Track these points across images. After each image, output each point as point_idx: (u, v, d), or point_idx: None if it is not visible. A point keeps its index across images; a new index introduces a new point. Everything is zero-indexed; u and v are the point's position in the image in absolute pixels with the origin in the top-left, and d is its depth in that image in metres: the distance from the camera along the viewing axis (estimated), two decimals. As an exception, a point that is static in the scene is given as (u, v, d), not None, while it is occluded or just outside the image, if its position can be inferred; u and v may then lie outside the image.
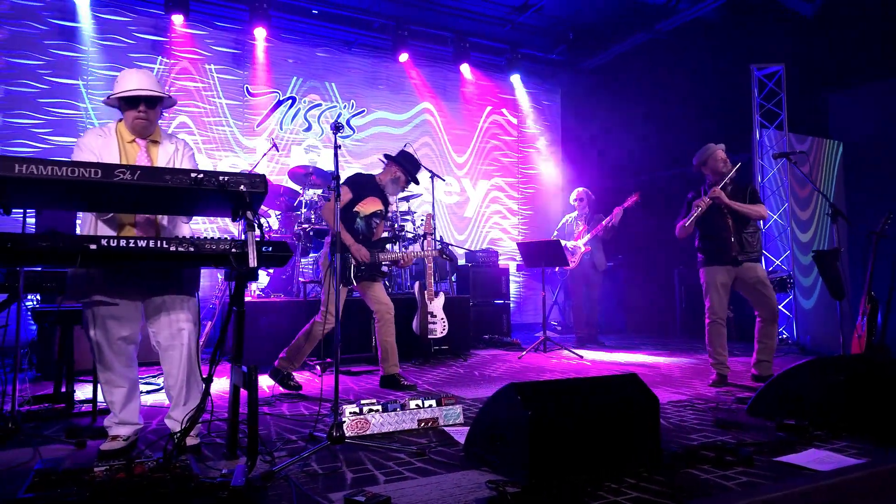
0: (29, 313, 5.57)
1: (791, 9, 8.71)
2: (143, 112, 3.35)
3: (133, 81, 3.35)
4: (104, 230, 3.24)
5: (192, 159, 3.58)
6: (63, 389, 4.51)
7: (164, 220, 3.42)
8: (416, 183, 5.64)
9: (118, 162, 3.28)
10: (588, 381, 3.20)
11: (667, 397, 4.81)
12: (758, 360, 5.42)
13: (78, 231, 3.20)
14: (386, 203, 5.46)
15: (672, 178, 10.49)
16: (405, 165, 5.41)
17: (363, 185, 5.29)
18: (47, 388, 5.09)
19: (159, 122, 3.56)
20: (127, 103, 3.35)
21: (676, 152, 10.47)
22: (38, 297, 6.07)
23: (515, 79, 11.40)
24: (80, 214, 3.55)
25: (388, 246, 5.64)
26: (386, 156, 5.56)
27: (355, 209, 5.18)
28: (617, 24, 10.14)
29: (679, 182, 10.26)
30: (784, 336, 8.23)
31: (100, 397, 4.27)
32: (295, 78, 9.79)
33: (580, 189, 8.67)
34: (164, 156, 3.45)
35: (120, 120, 3.46)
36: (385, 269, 5.47)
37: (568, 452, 2.81)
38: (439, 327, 7.01)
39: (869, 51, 8.30)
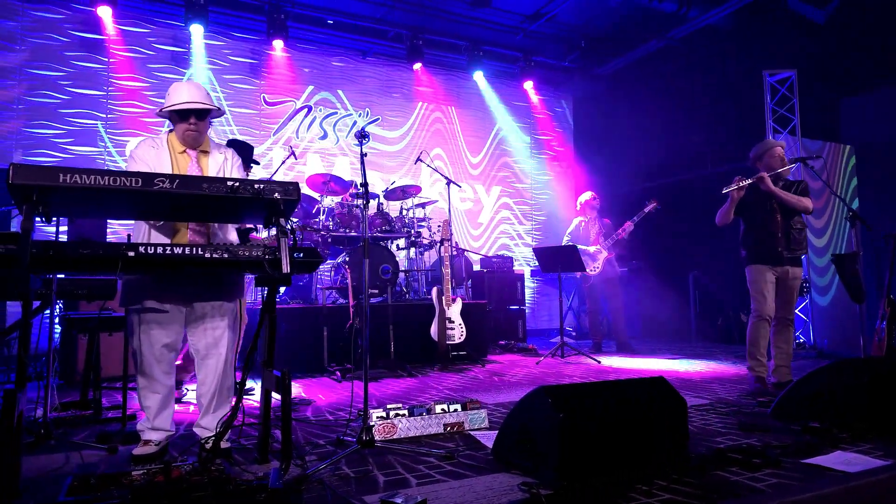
0: (58, 320, 5.63)
1: (802, 15, 8.74)
2: (194, 124, 3.45)
3: (184, 94, 3.45)
4: (157, 237, 3.33)
5: (240, 168, 3.68)
6: (90, 396, 4.57)
7: (215, 227, 3.51)
8: (256, 163, 5.57)
9: (170, 172, 3.37)
10: (616, 383, 3.23)
11: (689, 401, 4.79)
12: (776, 367, 5.37)
13: (132, 238, 3.27)
14: None
15: (685, 183, 10.53)
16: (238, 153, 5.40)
17: None
18: (71, 395, 5.16)
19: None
20: (178, 116, 3.45)
21: (689, 158, 10.51)
22: (62, 304, 6.14)
23: (528, 86, 11.44)
24: (115, 222, 3.61)
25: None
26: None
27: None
28: (629, 31, 10.18)
29: (692, 187, 10.30)
30: (801, 340, 8.22)
31: (130, 403, 4.34)
32: (311, 87, 9.88)
33: (588, 193, 8.68)
34: (214, 165, 3.55)
35: (171, 130, 3.56)
36: None
37: (598, 454, 2.85)
38: (457, 333, 7.04)
39: (880, 56, 8.32)
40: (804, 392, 4.10)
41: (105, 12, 8.17)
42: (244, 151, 5.31)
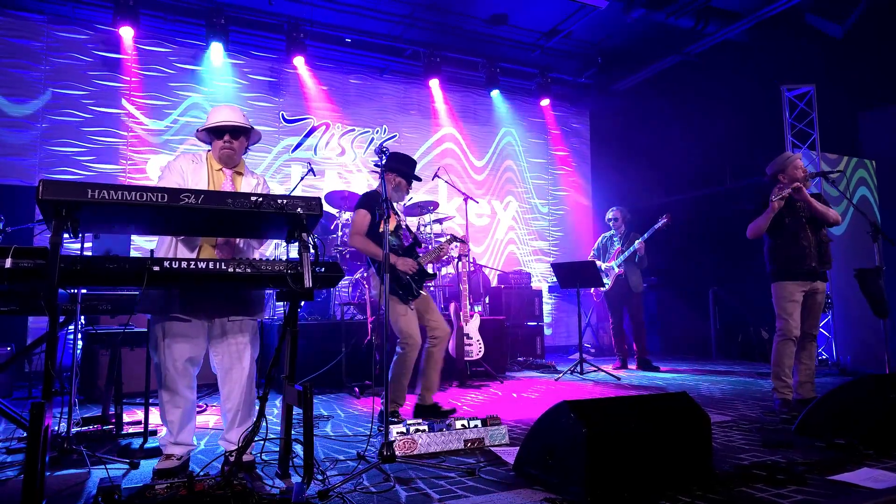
0: (80, 335, 5.68)
1: (820, 29, 8.72)
2: (228, 142, 3.58)
3: (221, 115, 3.60)
4: (183, 253, 3.39)
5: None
6: (112, 411, 4.59)
7: (240, 242, 3.57)
8: (418, 179, 5.26)
9: (206, 187, 3.47)
10: (640, 399, 3.21)
11: (711, 418, 4.75)
12: (800, 383, 5.25)
13: (156, 253, 3.33)
14: (396, 213, 5.18)
15: (704, 199, 10.49)
16: (400, 168, 5.08)
17: (376, 202, 4.90)
18: (91, 410, 5.20)
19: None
20: (214, 134, 3.59)
21: (707, 173, 10.48)
22: (84, 319, 6.17)
23: (545, 102, 11.48)
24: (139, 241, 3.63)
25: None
26: (377, 164, 5.37)
27: (381, 230, 5.03)
28: (645, 47, 10.19)
29: (711, 202, 10.26)
30: (824, 357, 8.14)
31: (151, 419, 4.37)
32: (328, 104, 9.96)
33: (615, 208, 8.57)
34: (247, 187, 3.66)
35: (209, 151, 3.68)
36: (430, 270, 5.23)
37: (623, 469, 2.83)
38: (475, 349, 7.02)
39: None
40: (828, 408, 4.05)
41: (127, 32, 8.28)
42: (406, 165, 5.15)
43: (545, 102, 11.49)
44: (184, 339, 3.39)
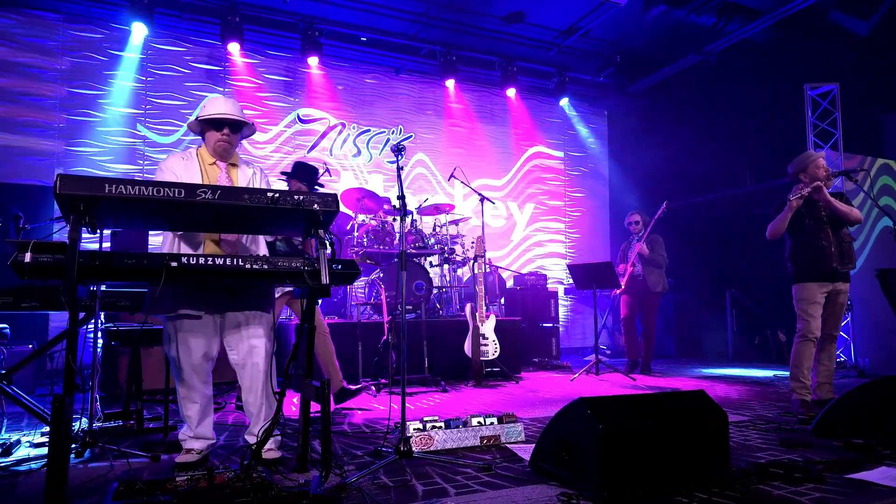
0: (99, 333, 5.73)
1: (845, 27, 8.63)
2: (227, 135, 3.57)
3: (220, 106, 3.58)
4: (186, 249, 3.40)
5: (268, 184, 3.77)
6: (132, 407, 4.63)
7: (244, 238, 3.59)
8: (321, 186, 5.67)
9: (201, 182, 3.44)
10: (657, 396, 3.21)
11: (728, 418, 4.75)
12: (818, 384, 5.20)
13: (160, 249, 3.35)
14: None
15: (724, 200, 10.42)
16: (302, 176, 5.48)
17: None
18: (112, 407, 5.24)
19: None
20: (212, 126, 3.57)
21: (728, 174, 10.41)
22: (103, 316, 6.23)
23: (563, 101, 11.45)
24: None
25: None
26: (283, 172, 5.65)
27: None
28: (665, 46, 10.12)
29: (730, 204, 10.19)
30: (842, 359, 8.07)
31: (171, 414, 4.41)
32: (344, 104, 9.99)
33: (635, 212, 8.50)
34: (243, 178, 3.65)
35: (199, 146, 3.66)
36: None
37: (638, 466, 2.82)
38: (491, 349, 7.02)
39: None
40: (847, 409, 4.02)
41: (141, 31, 8.34)
42: (309, 175, 5.48)
43: (563, 102, 11.46)
44: (197, 335, 3.42)
